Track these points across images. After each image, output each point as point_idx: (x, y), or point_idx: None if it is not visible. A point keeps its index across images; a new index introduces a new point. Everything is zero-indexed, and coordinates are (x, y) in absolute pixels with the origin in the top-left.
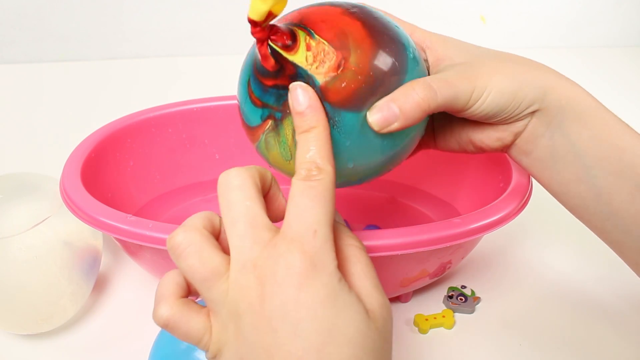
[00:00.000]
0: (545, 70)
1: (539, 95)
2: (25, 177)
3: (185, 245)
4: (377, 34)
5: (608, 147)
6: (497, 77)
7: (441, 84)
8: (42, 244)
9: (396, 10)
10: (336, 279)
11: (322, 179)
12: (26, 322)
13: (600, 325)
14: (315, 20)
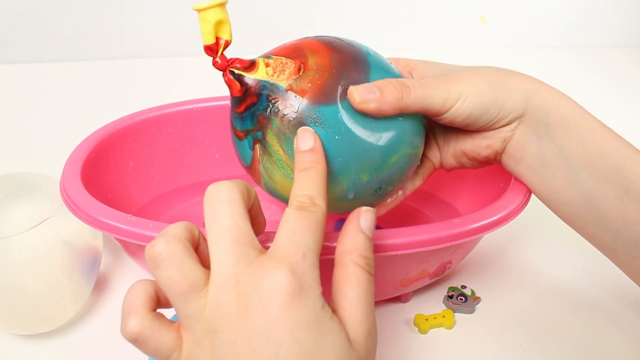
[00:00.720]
0: (527, 78)
1: (522, 99)
2: (25, 177)
3: (166, 256)
4: (331, 44)
5: (594, 151)
6: (475, 80)
7: (416, 84)
8: (42, 244)
9: (396, 10)
10: (320, 304)
11: (315, 211)
12: (26, 322)
13: (599, 325)
14: (273, 52)
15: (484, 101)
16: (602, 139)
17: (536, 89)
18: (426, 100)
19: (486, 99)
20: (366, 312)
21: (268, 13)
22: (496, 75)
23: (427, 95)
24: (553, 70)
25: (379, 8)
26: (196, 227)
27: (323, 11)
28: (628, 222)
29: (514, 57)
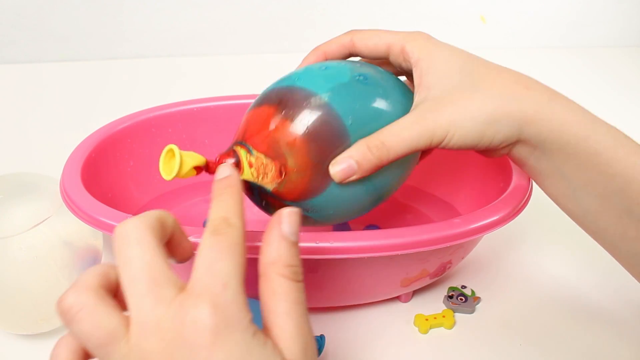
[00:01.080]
0: (524, 100)
1: (514, 131)
2: (25, 177)
3: (77, 309)
4: (305, 129)
5: (595, 175)
6: (460, 118)
7: (393, 140)
8: (42, 244)
9: (396, 10)
10: (250, 333)
11: (230, 232)
12: (26, 322)
13: (599, 326)
14: (251, 133)
15: (470, 139)
16: (605, 162)
17: (531, 119)
18: (409, 147)
19: (472, 137)
20: (299, 325)
21: (268, 13)
22: (488, 106)
23: (408, 144)
24: (553, 70)
25: (379, 8)
26: (113, 269)
27: (323, 11)
28: (627, 238)
29: (514, 57)
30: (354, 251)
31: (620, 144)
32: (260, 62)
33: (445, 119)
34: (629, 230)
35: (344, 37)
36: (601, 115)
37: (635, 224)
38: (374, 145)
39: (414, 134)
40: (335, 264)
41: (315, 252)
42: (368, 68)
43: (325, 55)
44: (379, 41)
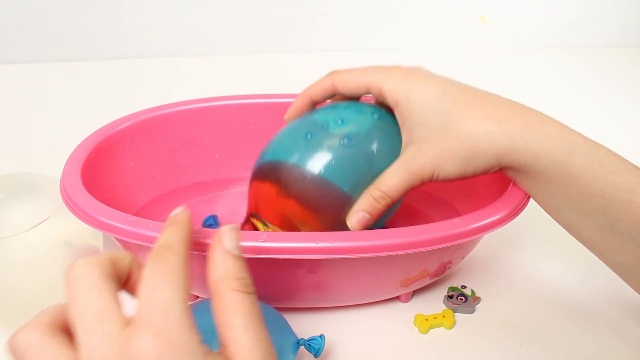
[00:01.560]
0: (495, 136)
1: (493, 164)
2: (25, 177)
3: (26, 347)
4: (311, 205)
5: (575, 196)
6: (441, 161)
7: (391, 188)
8: (42, 244)
9: (396, 10)
10: (201, 355)
11: (170, 258)
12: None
13: (599, 326)
14: (263, 208)
15: (454, 175)
16: (584, 183)
17: (507, 151)
18: (405, 189)
19: (454, 175)
20: (257, 338)
21: (268, 13)
22: (464, 146)
23: (404, 187)
24: (553, 70)
25: (379, 8)
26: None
27: (323, 11)
28: (611, 250)
29: (514, 57)
30: (354, 251)
31: (599, 164)
32: (260, 62)
33: (428, 162)
34: (612, 244)
35: (325, 81)
36: (601, 115)
37: (619, 238)
38: (378, 196)
39: (406, 179)
40: (335, 264)
41: (315, 252)
42: (351, 125)
43: (311, 99)
44: (358, 84)
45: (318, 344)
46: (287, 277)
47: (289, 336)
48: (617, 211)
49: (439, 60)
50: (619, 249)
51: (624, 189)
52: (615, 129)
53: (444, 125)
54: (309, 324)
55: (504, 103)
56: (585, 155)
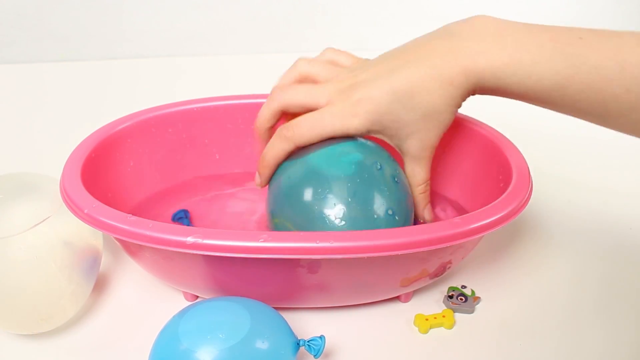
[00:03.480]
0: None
1: (469, 86)
2: (25, 177)
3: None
4: None
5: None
6: (439, 134)
7: (424, 178)
8: (42, 244)
9: (396, 10)
10: None
11: None
12: (26, 322)
13: (599, 326)
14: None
15: (447, 109)
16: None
17: (470, 68)
18: (429, 169)
19: (443, 104)
20: None
21: (268, 13)
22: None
23: (428, 169)
24: None
25: (379, 8)
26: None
27: (323, 11)
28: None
29: None
30: (354, 251)
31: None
32: (260, 62)
33: (434, 141)
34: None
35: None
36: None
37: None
38: (422, 189)
39: (426, 163)
40: (335, 264)
41: (315, 252)
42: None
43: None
44: (313, 133)
45: (318, 345)
46: (287, 277)
47: (289, 337)
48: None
49: None
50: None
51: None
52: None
53: (417, 112)
54: (309, 324)
55: (442, 29)
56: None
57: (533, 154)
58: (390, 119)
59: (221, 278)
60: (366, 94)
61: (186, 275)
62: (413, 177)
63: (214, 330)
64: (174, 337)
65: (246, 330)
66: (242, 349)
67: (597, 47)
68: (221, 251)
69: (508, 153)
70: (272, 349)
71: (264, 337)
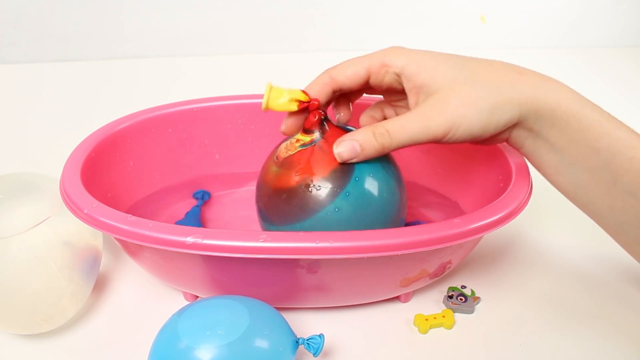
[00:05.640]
0: (520, 84)
1: (515, 114)
2: (25, 177)
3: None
4: None
5: (584, 149)
6: (465, 112)
7: (398, 130)
8: (42, 244)
9: (396, 10)
10: None
11: None
12: (26, 322)
13: (600, 326)
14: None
15: (475, 131)
16: (593, 137)
17: (528, 100)
18: (412, 139)
19: (476, 129)
20: None
21: (268, 13)
22: (488, 96)
23: (411, 136)
24: (553, 70)
25: (379, 8)
26: None
27: (323, 11)
28: (614, 209)
29: (514, 57)
30: (354, 251)
31: (606, 119)
32: (260, 62)
33: (450, 113)
34: (616, 201)
35: (322, 77)
36: None
37: (621, 194)
38: (379, 132)
39: (418, 127)
40: (335, 264)
41: (315, 252)
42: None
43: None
44: (355, 67)
45: (317, 343)
46: (286, 277)
47: (288, 335)
48: (621, 166)
49: None
50: (621, 206)
51: (628, 145)
52: None
53: (467, 75)
54: (308, 324)
55: (515, 64)
56: (594, 111)
57: None
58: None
59: (221, 278)
60: None
61: (186, 275)
62: (392, 119)
63: (213, 327)
64: (173, 334)
65: (245, 327)
66: (241, 346)
67: None
68: (221, 251)
69: (508, 153)
70: (271, 346)
71: (263, 334)
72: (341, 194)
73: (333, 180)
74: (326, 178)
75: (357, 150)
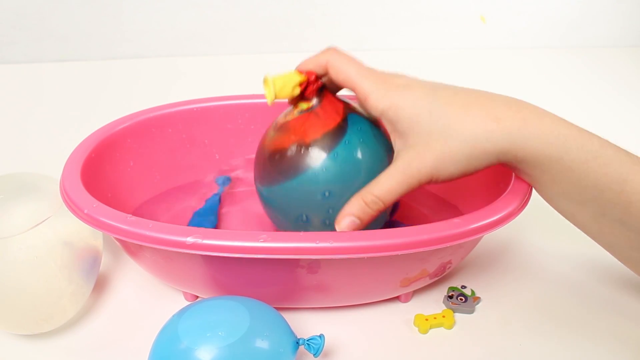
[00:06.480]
0: (495, 135)
1: (492, 161)
2: (25, 177)
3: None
4: None
5: (569, 186)
6: (441, 165)
7: (385, 193)
8: (42, 244)
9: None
10: None
11: None
12: (26, 322)
13: (600, 325)
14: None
15: (456, 175)
16: (578, 177)
17: (507, 149)
18: (400, 194)
19: (457, 175)
20: None
21: (268, 13)
22: (465, 147)
23: (399, 192)
24: (553, 70)
25: (379, 8)
26: None
27: (323, 11)
28: (603, 234)
29: (514, 57)
30: (354, 251)
31: (593, 157)
32: (260, 62)
33: (428, 166)
34: (604, 228)
35: (321, 58)
36: (601, 116)
37: (610, 223)
38: (370, 200)
39: (403, 183)
40: (335, 264)
41: (315, 252)
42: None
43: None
44: (346, 79)
45: (317, 344)
46: (287, 277)
47: (289, 335)
48: (609, 200)
49: (439, 60)
50: (610, 232)
51: (616, 179)
52: (615, 129)
53: (441, 128)
54: (308, 324)
55: (498, 100)
56: (580, 150)
57: None
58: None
59: (221, 278)
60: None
61: (186, 275)
62: (375, 181)
63: (214, 328)
64: (173, 335)
65: (245, 328)
66: (241, 347)
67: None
68: (221, 251)
69: None
70: (271, 347)
71: (264, 335)
72: (330, 154)
73: (324, 141)
74: (318, 139)
75: (356, 222)
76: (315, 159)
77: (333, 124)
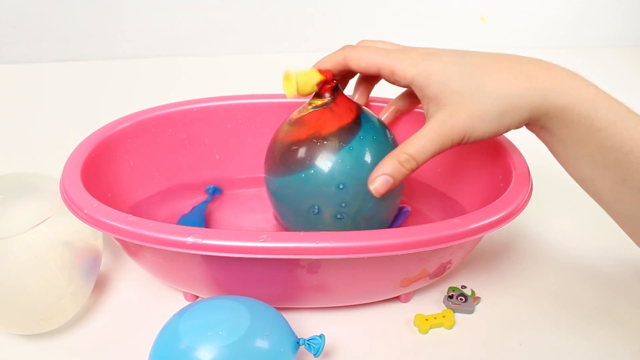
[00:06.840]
0: (529, 91)
1: (524, 118)
2: (25, 177)
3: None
4: None
5: (595, 147)
6: (474, 123)
7: (419, 151)
8: (42, 244)
9: (396, 10)
10: None
11: None
12: (26, 322)
13: (601, 325)
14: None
15: (487, 135)
16: (605, 136)
17: (539, 104)
18: (433, 153)
19: (489, 134)
20: None
21: (268, 13)
22: (498, 104)
23: (432, 151)
24: None
25: (379, 8)
26: None
27: (323, 11)
28: (621, 202)
29: None
30: (354, 251)
31: (620, 120)
32: (260, 62)
33: (461, 125)
34: (623, 196)
35: (337, 55)
36: None
37: (629, 190)
38: (404, 159)
39: (436, 142)
40: (335, 264)
41: (315, 252)
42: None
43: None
44: (369, 63)
45: (318, 344)
46: (287, 277)
47: (289, 335)
48: (631, 165)
49: None
50: (629, 200)
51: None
52: None
53: (474, 87)
54: (308, 324)
55: (529, 61)
56: (609, 110)
57: (533, 155)
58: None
59: (221, 278)
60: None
61: (186, 275)
62: (409, 141)
63: (214, 327)
64: (174, 335)
65: (246, 328)
66: (242, 347)
67: None
68: (221, 251)
69: (508, 153)
70: (272, 347)
71: (264, 335)
72: (346, 147)
73: (340, 135)
74: (334, 133)
75: (390, 182)
76: (332, 150)
77: (348, 120)
